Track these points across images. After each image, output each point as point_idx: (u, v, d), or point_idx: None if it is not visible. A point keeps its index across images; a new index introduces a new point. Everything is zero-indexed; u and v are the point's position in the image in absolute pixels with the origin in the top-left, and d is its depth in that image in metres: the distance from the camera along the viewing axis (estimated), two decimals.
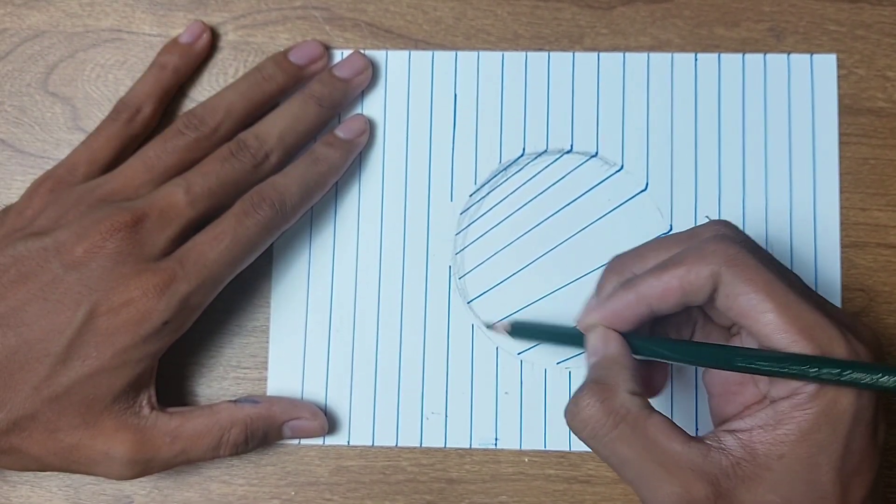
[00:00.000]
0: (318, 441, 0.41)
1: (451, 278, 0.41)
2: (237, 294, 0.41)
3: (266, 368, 0.41)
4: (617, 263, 0.36)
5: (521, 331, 0.39)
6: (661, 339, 0.35)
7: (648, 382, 0.36)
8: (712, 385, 0.36)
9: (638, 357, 0.34)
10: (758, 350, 0.32)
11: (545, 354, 0.41)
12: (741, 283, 0.31)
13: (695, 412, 0.41)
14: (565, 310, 0.41)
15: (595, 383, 0.33)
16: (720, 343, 0.35)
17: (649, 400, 0.33)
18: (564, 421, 0.33)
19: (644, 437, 0.32)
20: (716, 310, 0.33)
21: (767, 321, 0.31)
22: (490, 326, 0.41)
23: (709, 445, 0.32)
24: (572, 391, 0.40)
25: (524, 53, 0.42)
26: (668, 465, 0.31)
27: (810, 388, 0.31)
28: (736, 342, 0.35)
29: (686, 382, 0.41)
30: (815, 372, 0.30)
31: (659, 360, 0.35)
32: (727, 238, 0.33)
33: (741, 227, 0.41)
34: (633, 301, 0.33)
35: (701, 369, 0.38)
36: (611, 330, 0.34)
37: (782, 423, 0.31)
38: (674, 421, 0.32)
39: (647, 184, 0.42)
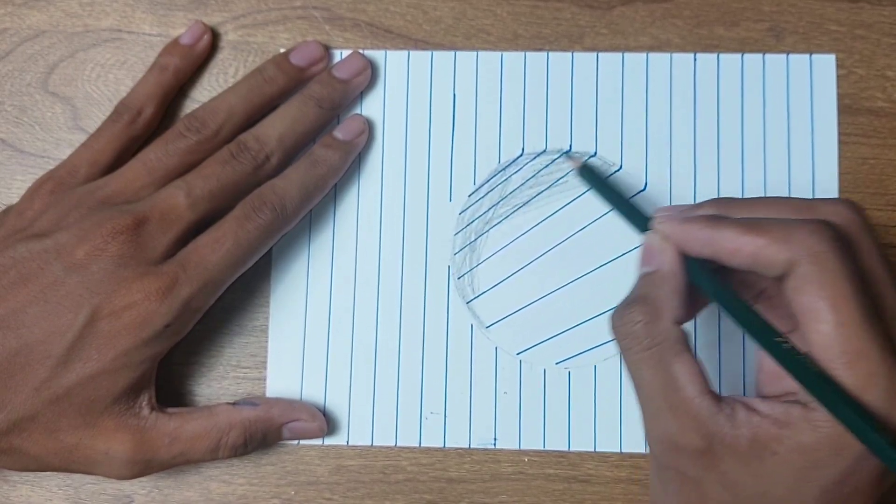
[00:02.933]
0: (317, 441, 0.41)
1: (450, 278, 0.41)
2: (237, 294, 0.42)
3: (265, 368, 0.41)
4: (725, 200, 0.35)
5: (590, 175, 0.40)
6: (719, 283, 0.34)
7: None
8: (766, 361, 0.35)
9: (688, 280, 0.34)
10: (794, 350, 0.31)
11: (544, 354, 0.41)
12: (812, 283, 0.30)
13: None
14: (565, 309, 0.41)
15: (645, 301, 0.33)
16: (766, 315, 0.34)
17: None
18: (609, 328, 0.34)
19: (667, 370, 0.32)
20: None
21: (819, 331, 0.30)
22: (568, 154, 0.41)
23: (721, 407, 0.31)
24: (572, 391, 0.40)
25: (523, 53, 0.42)
26: (675, 404, 0.32)
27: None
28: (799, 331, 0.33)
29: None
30: (814, 392, 0.30)
31: (705, 297, 0.34)
32: (827, 230, 0.31)
33: None
34: (705, 238, 0.33)
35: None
36: (675, 246, 0.34)
37: (789, 426, 0.30)
38: (704, 370, 0.32)
39: (646, 183, 0.42)
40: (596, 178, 0.40)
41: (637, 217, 0.37)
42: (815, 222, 0.31)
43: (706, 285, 0.34)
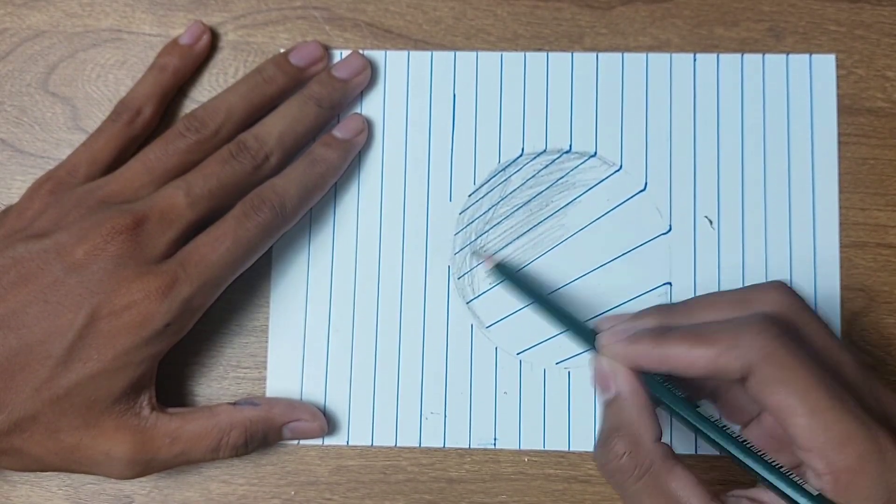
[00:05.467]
0: (317, 441, 0.41)
1: (450, 278, 0.41)
2: (237, 294, 0.41)
3: (266, 368, 0.41)
4: (663, 308, 0.35)
5: (506, 273, 0.40)
6: (676, 396, 0.34)
7: None
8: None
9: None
10: (760, 458, 0.32)
11: (544, 354, 0.41)
12: (774, 381, 0.31)
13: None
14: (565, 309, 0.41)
15: (621, 430, 0.33)
16: (721, 412, 0.35)
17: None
18: (598, 467, 0.34)
19: (666, 491, 0.32)
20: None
21: (798, 424, 0.30)
22: (476, 252, 0.41)
23: None
24: (572, 391, 0.40)
25: (523, 54, 0.42)
26: None
27: None
28: (761, 421, 0.35)
29: None
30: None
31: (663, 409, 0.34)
32: (772, 325, 0.32)
33: (741, 226, 0.41)
34: (657, 358, 0.33)
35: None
36: (628, 365, 0.34)
37: None
38: (695, 474, 0.32)
39: (645, 184, 0.42)
40: (515, 279, 0.40)
41: (572, 323, 0.37)
42: (759, 320, 0.32)
43: (663, 399, 0.34)
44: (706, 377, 0.33)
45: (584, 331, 0.36)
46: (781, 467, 0.32)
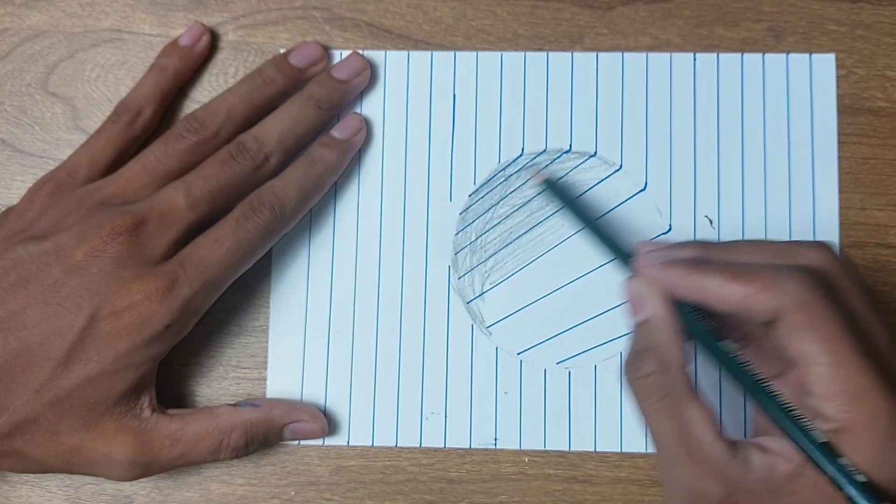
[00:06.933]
0: (318, 441, 0.41)
1: (451, 278, 0.41)
2: (237, 294, 0.42)
3: (266, 368, 0.41)
4: (705, 243, 0.36)
5: (556, 191, 0.40)
6: (701, 327, 0.34)
7: None
8: None
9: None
10: (780, 399, 0.32)
11: (545, 354, 0.41)
12: (803, 330, 0.31)
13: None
14: (565, 309, 0.41)
15: (652, 351, 0.34)
16: (752, 359, 0.35)
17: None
18: (624, 382, 0.34)
19: (681, 417, 0.32)
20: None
21: (818, 373, 0.30)
22: (528, 168, 0.42)
23: (735, 452, 0.32)
24: (572, 391, 0.40)
25: (523, 54, 0.42)
26: (692, 451, 0.32)
27: None
28: (791, 375, 0.35)
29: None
30: (805, 451, 0.31)
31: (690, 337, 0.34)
32: (812, 279, 0.31)
33: (741, 226, 0.41)
34: (692, 285, 0.33)
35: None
36: (662, 290, 0.34)
37: (803, 465, 0.31)
38: (716, 414, 0.32)
39: (646, 184, 0.42)
40: (566, 198, 0.40)
41: (611, 245, 0.38)
42: (800, 270, 0.32)
43: (696, 331, 0.34)
44: (734, 313, 0.33)
45: (622, 254, 0.37)
46: (793, 410, 0.31)
